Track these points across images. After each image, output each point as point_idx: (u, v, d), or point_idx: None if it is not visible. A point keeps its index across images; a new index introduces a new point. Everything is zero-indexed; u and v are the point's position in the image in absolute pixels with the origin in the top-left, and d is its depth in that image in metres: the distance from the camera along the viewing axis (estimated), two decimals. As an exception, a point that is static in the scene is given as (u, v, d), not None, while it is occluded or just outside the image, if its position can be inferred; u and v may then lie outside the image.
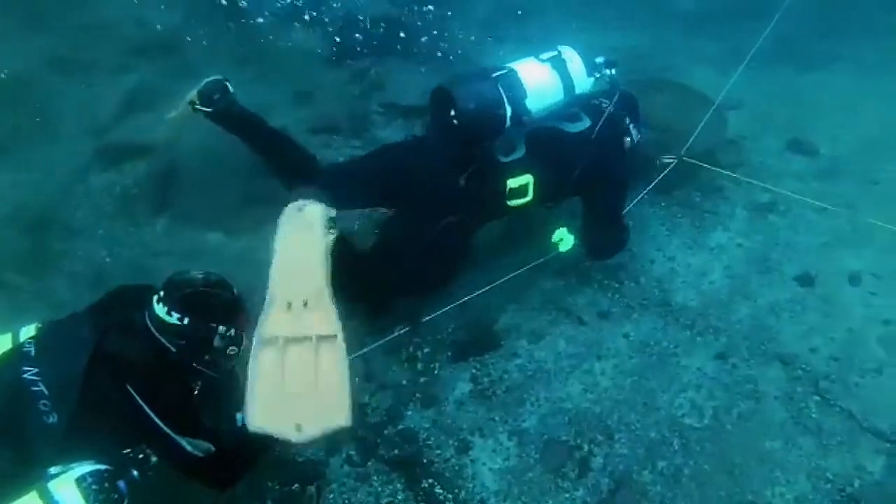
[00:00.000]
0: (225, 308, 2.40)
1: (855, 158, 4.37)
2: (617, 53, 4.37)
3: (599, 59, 3.17)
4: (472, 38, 5.66)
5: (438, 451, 3.00)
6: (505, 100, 2.86)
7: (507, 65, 3.02)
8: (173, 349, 2.29)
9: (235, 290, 2.49)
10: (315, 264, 2.40)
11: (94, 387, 2.11)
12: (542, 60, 3.03)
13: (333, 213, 2.56)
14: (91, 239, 3.74)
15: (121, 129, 4.24)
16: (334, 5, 5.39)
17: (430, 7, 5.72)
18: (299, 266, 2.41)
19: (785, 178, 4.27)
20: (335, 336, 2.21)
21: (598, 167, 3.19)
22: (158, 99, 4.31)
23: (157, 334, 2.29)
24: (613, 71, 3.18)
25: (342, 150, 4.57)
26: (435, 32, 5.64)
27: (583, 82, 3.07)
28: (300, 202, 2.52)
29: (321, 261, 2.42)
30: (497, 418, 3.10)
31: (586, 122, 3.20)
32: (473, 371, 3.29)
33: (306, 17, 5.12)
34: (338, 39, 5.10)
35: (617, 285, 3.62)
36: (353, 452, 2.99)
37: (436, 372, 3.31)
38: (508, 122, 2.89)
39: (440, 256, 3.09)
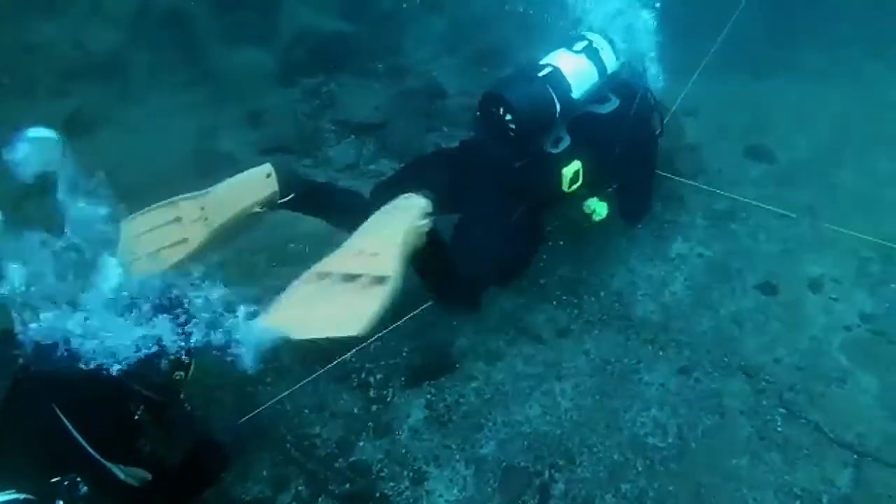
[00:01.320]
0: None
1: (811, 164, 4.36)
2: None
3: (615, 39, 3.37)
4: (426, 53, 5.61)
5: (393, 484, 2.84)
6: (554, 97, 3.03)
7: (546, 61, 3.18)
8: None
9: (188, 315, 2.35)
10: (398, 234, 2.42)
11: (17, 407, 1.96)
12: (577, 52, 3.22)
13: (432, 209, 2.60)
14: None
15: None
16: (284, 22, 5.29)
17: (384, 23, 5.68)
18: (381, 230, 2.48)
19: (744, 184, 4.23)
20: (389, 279, 2.21)
21: (634, 142, 3.37)
22: (99, 125, 4.18)
23: None
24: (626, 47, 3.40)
25: (295, 169, 4.45)
26: (388, 48, 5.58)
27: (612, 65, 3.27)
28: (408, 193, 2.62)
29: (405, 235, 2.43)
30: (454, 446, 2.94)
31: (615, 102, 3.39)
32: (428, 396, 3.14)
33: (255, 35, 5.00)
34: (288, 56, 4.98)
35: (576, 301, 3.51)
36: (302, 488, 2.82)
37: (389, 399, 3.15)
38: (558, 117, 3.07)
39: (521, 243, 3.21)
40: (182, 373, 2.34)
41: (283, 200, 2.92)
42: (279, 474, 2.86)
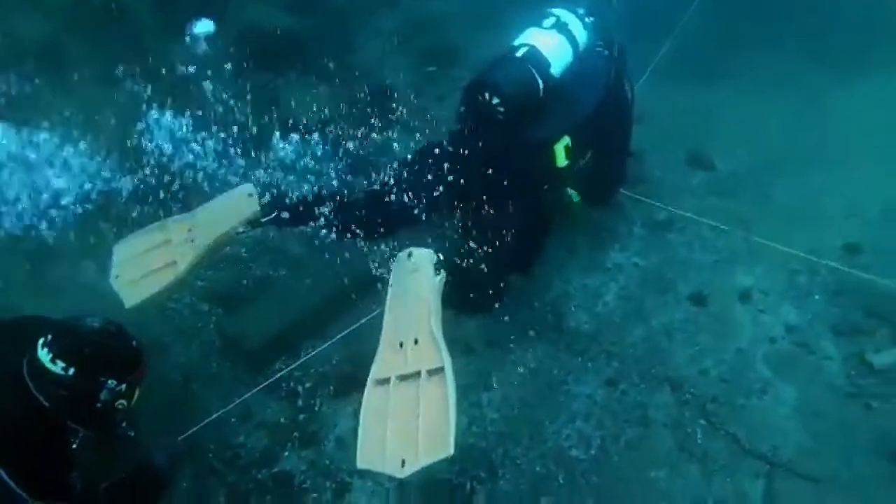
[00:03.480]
0: (120, 362, 2.20)
1: (751, 173, 4.41)
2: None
3: (581, 11, 3.41)
4: (377, 50, 5.54)
5: (315, 495, 2.84)
6: (536, 76, 3.02)
7: (521, 41, 3.19)
8: (46, 402, 2.06)
9: (135, 342, 2.29)
10: (424, 304, 2.46)
11: None
12: (548, 28, 3.23)
13: (440, 256, 2.60)
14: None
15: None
16: (231, 18, 5.17)
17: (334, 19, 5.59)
18: (409, 307, 2.48)
19: (683, 193, 4.27)
20: (442, 368, 2.23)
21: (613, 113, 3.46)
22: (25, 115, 4.04)
23: (29, 381, 2.07)
24: (593, 18, 3.45)
25: (235, 168, 4.37)
26: (338, 46, 5.51)
27: (582, 37, 3.31)
28: (410, 249, 2.60)
29: (430, 300, 2.47)
30: (379, 458, 2.96)
31: (600, 74, 3.41)
32: (357, 406, 3.09)
33: (199, 31, 4.87)
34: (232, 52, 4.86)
35: (509, 311, 3.52)
36: (222, 500, 2.81)
37: (317, 408, 3.15)
38: (542, 94, 3.07)
39: (536, 230, 3.26)
40: (124, 401, 2.25)
41: (266, 219, 2.95)
42: (200, 486, 2.85)
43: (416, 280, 2.53)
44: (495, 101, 2.98)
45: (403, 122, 4.78)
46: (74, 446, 2.24)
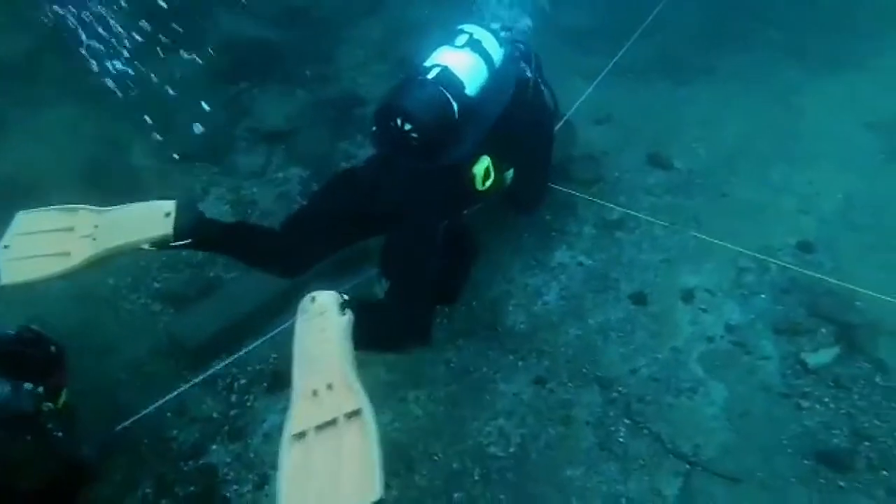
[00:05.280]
0: (37, 367, 2.32)
1: (709, 171, 4.35)
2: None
3: (495, 26, 3.35)
4: (357, 60, 5.65)
5: (236, 487, 2.93)
6: (450, 97, 2.93)
7: (432, 63, 3.06)
8: None
9: (54, 347, 2.41)
10: (333, 347, 2.36)
11: None
12: (460, 47, 3.11)
13: (345, 296, 2.52)
14: None
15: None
16: (211, 29, 5.36)
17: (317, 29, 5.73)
18: (318, 354, 2.36)
19: (638, 192, 4.25)
20: (360, 410, 2.13)
21: (534, 128, 3.42)
22: (2, 128, 4.28)
23: None
24: (510, 33, 3.40)
25: (200, 178, 4.55)
26: (319, 55, 5.64)
27: (497, 54, 3.20)
28: (312, 293, 2.50)
29: (338, 341, 2.37)
30: (303, 452, 3.04)
31: (511, 89, 3.29)
32: (287, 402, 3.22)
33: (174, 42, 5.06)
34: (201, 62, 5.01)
35: (447, 309, 3.57)
36: (149, 490, 2.92)
37: (249, 404, 3.25)
38: (457, 117, 2.95)
39: (454, 258, 3.10)
40: (51, 404, 2.36)
41: (176, 244, 2.75)
42: (130, 477, 2.97)
43: (322, 324, 2.43)
44: (407, 126, 2.86)
45: (365, 130, 4.85)
46: None
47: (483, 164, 3.05)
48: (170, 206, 2.74)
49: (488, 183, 3.09)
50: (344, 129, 4.86)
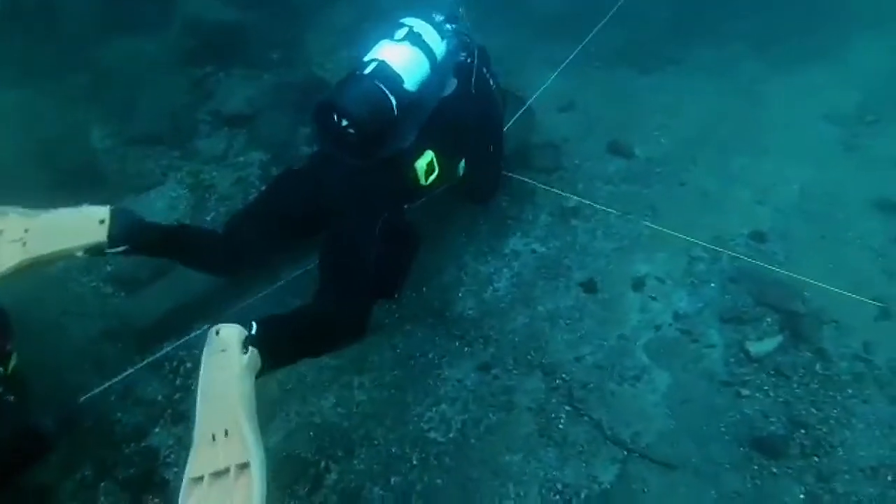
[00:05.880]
0: None
1: (667, 160, 4.36)
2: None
3: (439, 18, 3.27)
4: (326, 45, 5.61)
5: (175, 469, 2.93)
6: (387, 92, 2.88)
7: (370, 57, 3.02)
8: None
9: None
10: (233, 389, 2.25)
11: None
12: (399, 40, 3.06)
13: (252, 330, 2.39)
14: None
15: None
16: (179, 11, 5.31)
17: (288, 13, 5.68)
18: (218, 395, 2.26)
19: (596, 180, 4.25)
20: (248, 464, 2.07)
21: (482, 120, 3.36)
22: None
23: None
24: (455, 25, 3.32)
25: (160, 161, 4.51)
26: (288, 40, 5.59)
27: (439, 47, 3.16)
28: (217, 325, 2.38)
29: (239, 385, 2.26)
30: (244, 436, 3.05)
31: (454, 82, 3.30)
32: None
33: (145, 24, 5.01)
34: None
35: (396, 295, 3.58)
36: (88, 472, 2.93)
37: (193, 387, 3.22)
38: (396, 111, 2.91)
39: (394, 252, 3.02)
40: (1, 368, 2.36)
41: (112, 251, 2.65)
42: (70, 459, 2.96)
43: (222, 362, 2.31)
44: (344, 122, 2.83)
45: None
46: None
47: (426, 158, 3.01)
48: (104, 212, 2.63)
49: (432, 177, 3.05)
50: (307, 114, 4.79)
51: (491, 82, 3.54)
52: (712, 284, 3.60)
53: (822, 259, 3.70)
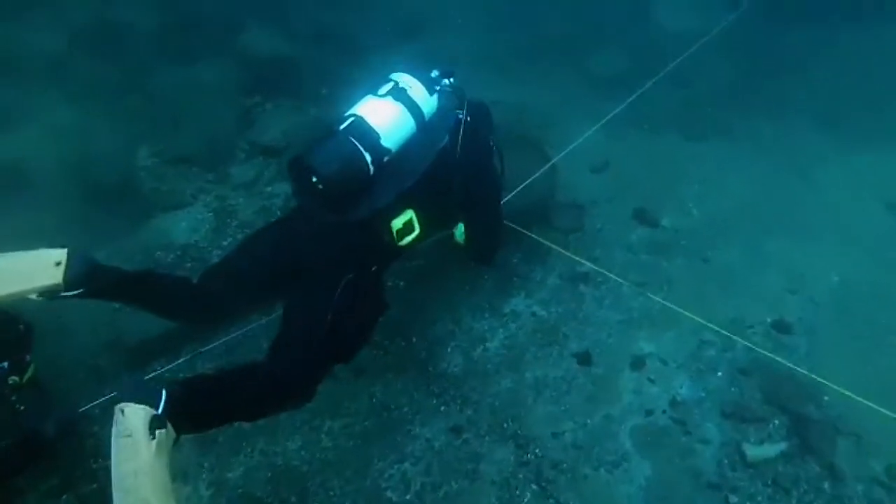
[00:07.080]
0: (8, 345, 2.48)
1: (695, 233, 4.13)
2: (504, 107, 4.36)
3: (434, 73, 3.14)
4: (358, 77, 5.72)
5: (135, 492, 2.97)
6: (361, 149, 2.78)
7: (349, 112, 2.94)
8: None
9: (22, 325, 2.55)
10: (142, 483, 2.16)
11: None
12: (382, 95, 2.94)
13: (159, 410, 2.27)
14: None
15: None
16: (239, 41, 5.60)
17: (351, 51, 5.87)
18: (130, 489, 2.16)
19: (616, 247, 4.07)
20: None
21: (471, 179, 3.16)
22: (22, 122, 4.59)
23: None
24: (452, 80, 3.15)
25: (194, 183, 4.71)
26: (343, 76, 5.77)
27: (428, 103, 3.01)
28: (122, 405, 2.26)
29: (147, 478, 2.17)
30: (206, 464, 3.04)
31: (444, 139, 3.11)
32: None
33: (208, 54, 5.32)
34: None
35: (386, 343, 3.51)
36: (55, 483, 3.00)
37: (170, 411, 3.30)
38: (372, 169, 2.82)
39: (354, 316, 2.85)
40: (17, 377, 2.48)
41: (67, 294, 2.54)
42: (40, 471, 3.05)
43: (129, 451, 2.18)
44: (314, 179, 2.72)
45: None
46: None
47: (404, 217, 2.87)
48: (61, 254, 2.58)
49: (409, 238, 2.90)
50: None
51: (490, 141, 3.36)
52: (719, 373, 3.33)
53: (851, 362, 3.35)
